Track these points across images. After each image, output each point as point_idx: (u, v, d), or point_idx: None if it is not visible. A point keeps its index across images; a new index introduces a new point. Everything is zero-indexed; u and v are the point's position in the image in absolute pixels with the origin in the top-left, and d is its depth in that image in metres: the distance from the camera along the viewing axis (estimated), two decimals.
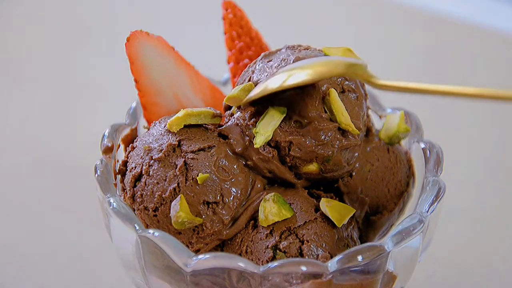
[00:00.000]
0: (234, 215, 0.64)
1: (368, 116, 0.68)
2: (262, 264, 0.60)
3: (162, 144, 0.64)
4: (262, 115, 0.63)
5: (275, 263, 0.57)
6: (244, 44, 0.75)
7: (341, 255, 0.58)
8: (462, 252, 0.91)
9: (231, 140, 0.65)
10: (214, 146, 0.64)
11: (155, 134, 0.66)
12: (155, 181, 0.63)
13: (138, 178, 0.65)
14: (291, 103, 0.63)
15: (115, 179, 0.68)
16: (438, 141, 0.71)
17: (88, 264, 0.88)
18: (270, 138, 0.63)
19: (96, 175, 0.65)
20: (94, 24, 1.41)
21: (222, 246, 0.65)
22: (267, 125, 0.63)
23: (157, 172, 0.63)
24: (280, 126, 0.63)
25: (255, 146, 0.63)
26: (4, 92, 1.21)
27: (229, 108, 0.68)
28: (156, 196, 0.63)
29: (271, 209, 0.62)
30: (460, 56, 1.35)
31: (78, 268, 0.87)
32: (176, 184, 0.62)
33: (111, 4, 1.49)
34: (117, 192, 0.66)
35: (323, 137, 0.63)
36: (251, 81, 0.65)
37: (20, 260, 0.88)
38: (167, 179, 0.63)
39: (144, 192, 0.64)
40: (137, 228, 0.61)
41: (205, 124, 0.66)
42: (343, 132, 0.64)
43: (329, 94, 0.63)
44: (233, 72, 0.76)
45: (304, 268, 0.57)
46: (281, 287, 0.58)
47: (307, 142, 0.63)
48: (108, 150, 0.68)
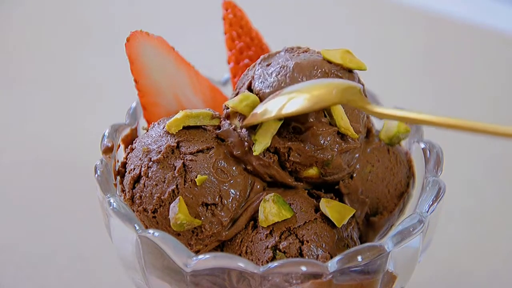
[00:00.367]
0: (233, 217, 0.64)
1: (368, 117, 0.68)
2: (262, 264, 0.60)
3: (160, 146, 0.64)
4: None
5: (275, 263, 0.57)
6: (244, 44, 0.75)
7: (341, 255, 0.58)
8: (462, 252, 0.91)
9: (229, 143, 0.65)
10: (213, 147, 0.64)
11: (154, 135, 0.66)
12: (154, 182, 0.63)
13: (137, 179, 0.64)
14: None
15: (115, 179, 0.68)
16: (438, 141, 0.71)
17: (88, 264, 0.88)
18: (269, 145, 0.63)
19: (96, 175, 0.65)
20: (94, 24, 1.41)
21: (222, 246, 0.65)
22: (265, 133, 0.62)
23: (155, 173, 0.63)
24: (279, 133, 0.63)
25: (254, 154, 0.62)
26: (4, 92, 1.21)
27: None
28: (155, 198, 0.63)
29: (271, 209, 0.62)
30: (460, 56, 1.35)
31: (78, 268, 0.87)
32: (174, 186, 0.62)
33: (111, 4, 1.49)
34: (117, 192, 0.66)
35: (322, 142, 0.63)
36: (252, 89, 0.65)
37: (20, 260, 0.88)
38: (166, 181, 0.63)
39: (143, 194, 0.64)
40: (137, 228, 0.60)
41: (204, 125, 0.66)
42: (342, 135, 0.64)
43: None
44: (233, 72, 0.76)
45: (304, 268, 0.57)
46: (281, 287, 0.58)
47: (306, 147, 0.63)
48: (108, 150, 0.68)
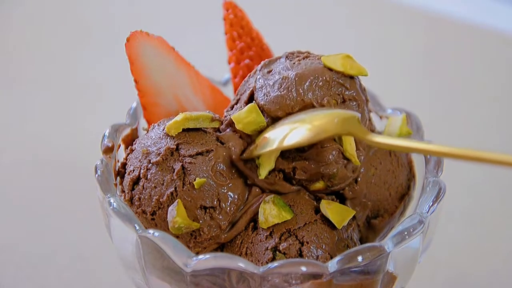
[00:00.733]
0: (232, 220, 0.63)
1: (370, 119, 0.68)
2: (262, 266, 0.60)
3: (160, 148, 0.64)
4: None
5: (275, 264, 0.57)
6: (245, 44, 0.75)
7: (341, 256, 0.58)
8: (462, 253, 0.91)
9: (230, 146, 0.64)
10: (212, 150, 0.63)
11: (153, 137, 0.65)
12: (153, 185, 0.63)
13: (136, 181, 0.64)
14: None
15: (116, 179, 0.68)
16: (438, 141, 0.71)
17: (88, 264, 0.88)
18: (273, 167, 0.63)
19: (97, 175, 0.65)
20: (94, 24, 1.40)
21: (222, 247, 0.65)
22: (269, 156, 0.63)
23: (154, 176, 0.63)
24: (282, 154, 0.63)
25: (259, 178, 0.63)
26: (4, 92, 1.21)
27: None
28: (153, 200, 0.63)
29: (271, 211, 0.62)
30: (460, 56, 1.35)
31: (78, 268, 0.87)
32: (173, 189, 0.62)
33: (111, 4, 1.49)
34: (117, 192, 0.66)
35: (326, 158, 0.63)
36: (255, 100, 0.64)
37: (20, 260, 0.88)
38: (165, 184, 0.62)
39: (142, 196, 0.63)
40: (137, 228, 0.60)
41: (204, 127, 0.65)
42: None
43: None
44: (233, 73, 0.76)
45: (304, 269, 0.57)
46: (281, 287, 0.58)
47: (312, 165, 0.63)
48: (108, 150, 0.68)
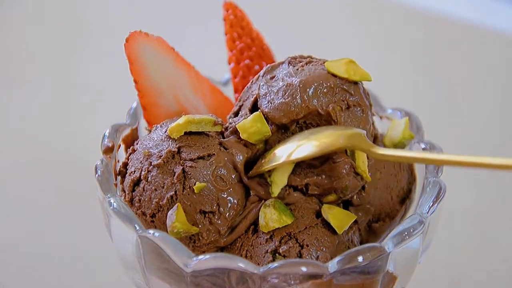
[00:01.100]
0: (231, 225, 0.63)
1: (373, 123, 0.67)
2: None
3: (161, 150, 0.63)
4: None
5: (275, 264, 0.57)
6: (245, 45, 0.75)
7: (342, 256, 0.57)
8: (462, 253, 0.91)
9: (234, 152, 0.64)
10: (214, 154, 0.63)
11: (155, 139, 0.65)
12: (153, 187, 0.63)
13: (136, 183, 0.64)
14: None
15: (116, 179, 0.68)
16: (439, 141, 0.71)
17: (88, 264, 0.88)
18: (286, 184, 0.63)
19: (97, 175, 0.65)
20: (94, 24, 1.41)
21: (222, 250, 0.64)
22: (281, 174, 0.63)
23: (155, 178, 0.63)
24: (294, 171, 0.63)
25: (272, 196, 0.63)
26: (4, 92, 1.21)
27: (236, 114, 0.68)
28: (153, 202, 0.62)
29: (272, 215, 0.62)
30: (460, 56, 1.35)
31: (78, 268, 0.87)
32: (173, 192, 0.62)
33: (111, 4, 1.49)
34: (118, 193, 0.66)
35: (339, 173, 0.63)
36: (259, 107, 0.64)
37: (20, 260, 0.88)
38: (165, 187, 0.62)
39: (142, 198, 0.63)
40: (137, 228, 0.60)
41: (206, 131, 0.65)
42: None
43: None
44: (234, 73, 0.76)
45: (304, 269, 0.57)
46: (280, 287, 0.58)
47: (325, 180, 0.63)
48: (108, 150, 0.68)
